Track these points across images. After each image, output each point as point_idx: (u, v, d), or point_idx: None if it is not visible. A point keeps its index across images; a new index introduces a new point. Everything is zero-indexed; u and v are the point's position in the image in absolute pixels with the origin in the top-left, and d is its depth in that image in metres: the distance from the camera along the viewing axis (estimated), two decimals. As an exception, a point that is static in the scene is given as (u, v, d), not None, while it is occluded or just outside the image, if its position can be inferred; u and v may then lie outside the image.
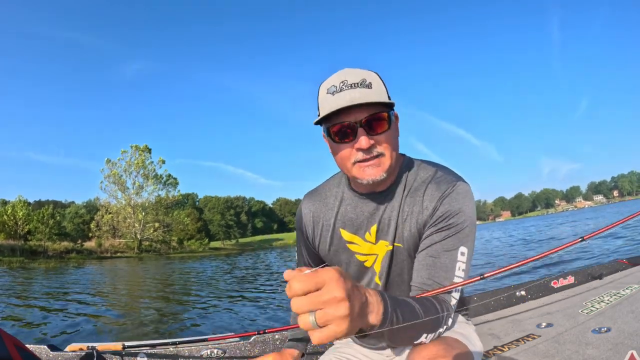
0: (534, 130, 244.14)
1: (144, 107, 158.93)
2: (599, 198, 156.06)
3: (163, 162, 49.86)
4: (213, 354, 1.73)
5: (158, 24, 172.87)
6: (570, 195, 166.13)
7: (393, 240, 0.95)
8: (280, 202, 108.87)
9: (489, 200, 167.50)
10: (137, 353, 1.68)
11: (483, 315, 2.31)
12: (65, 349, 1.64)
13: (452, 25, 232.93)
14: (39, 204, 63.04)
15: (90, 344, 1.62)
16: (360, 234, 0.99)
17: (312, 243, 1.08)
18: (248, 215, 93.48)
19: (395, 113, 0.91)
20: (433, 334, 0.82)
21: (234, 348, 1.77)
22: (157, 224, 47.92)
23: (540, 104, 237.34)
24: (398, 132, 0.93)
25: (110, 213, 47.13)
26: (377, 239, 0.97)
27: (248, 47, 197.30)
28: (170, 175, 51.07)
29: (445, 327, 0.85)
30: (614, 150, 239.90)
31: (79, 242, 48.26)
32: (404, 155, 1.01)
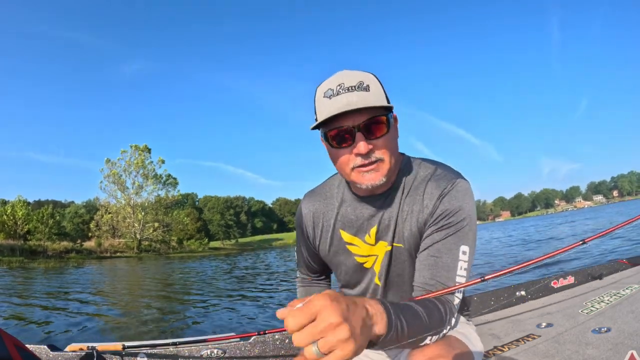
0: (534, 130, 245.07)
1: (144, 107, 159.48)
2: (599, 198, 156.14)
3: (163, 162, 49.92)
4: (213, 354, 1.73)
5: (158, 24, 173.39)
6: (570, 196, 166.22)
7: (392, 241, 0.95)
8: (280, 202, 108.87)
9: (489, 200, 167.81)
10: (137, 353, 1.68)
11: (483, 315, 2.31)
12: (65, 349, 1.64)
13: (452, 25, 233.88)
14: (39, 204, 63.08)
15: (90, 344, 1.62)
16: (361, 236, 0.99)
17: (312, 243, 1.08)
18: (248, 215, 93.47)
19: (395, 115, 0.89)
20: (437, 336, 0.81)
21: (234, 348, 1.77)
22: (156, 224, 47.93)
23: (540, 104, 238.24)
24: (397, 133, 0.92)
25: (110, 213, 47.14)
26: (376, 240, 0.97)
27: (248, 47, 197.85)
28: (170, 175, 51.19)
29: (449, 327, 0.85)
30: (614, 150, 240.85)
31: (79, 242, 48.22)
32: (404, 155, 0.99)
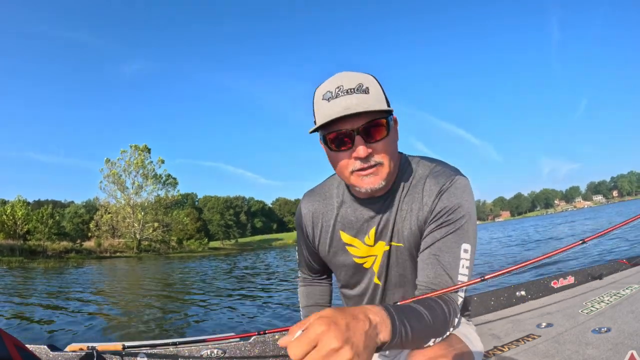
0: (534, 130, 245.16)
1: (144, 107, 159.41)
2: (599, 198, 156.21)
3: (162, 161, 49.86)
4: (213, 354, 1.73)
5: (158, 24, 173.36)
6: (570, 196, 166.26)
7: (390, 240, 0.95)
8: (280, 202, 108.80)
9: (489, 200, 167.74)
10: (137, 353, 1.68)
11: (483, 315, 2.31)
12: (65, 349, 1.63)
13: (452, 25, 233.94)
14: (39, 204, 63.03)
15: (90, 344, 1.62)
16: (360, 237, 0.98)
17: (312, 242, 1.08)
18: (247, 215, 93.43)
19: (394, 117, 0.88)
20: (441, 338, 0.80)
21: (234, 348, 1.77)
22: (156, 224, 47.89)
23: (540, 104, 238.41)
24: (397, 136, 0.91)
25: (110, 213, 47.08)
26: (375, 241, 0.97)
27: (248, 47, 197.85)
28: (170, 175, 51.11)
29: (452, 329, 0.84)
30: (614, 150, 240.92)
31: (78, 241, 48.18)
32: (402, 154, 0.98)
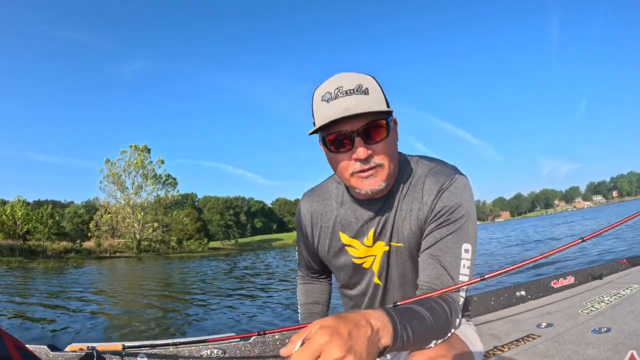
0: (534, 130, 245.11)
1: (144, 107, 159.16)
2: (598, 198, 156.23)
3: (162, 162, 49.86)
4: (213, 354, 1.73)
5: (158, 24, 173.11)
6: (570, 196, 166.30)
7: (389, 240, 0.94)
8: (280, 202, 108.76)
9: (488, 201, 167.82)
10: (137, 353, 1.67)
11: (483, 315, 2.31)
12: (65, 349, 1.63)
13: (452, 25, 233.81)
14: (38, 204, 62.94)
15: (90, 344, 1.62)
16: (360, 238, 0.98)
17: (311, 243, 1.08)
18: (247, 215, 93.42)
19: (394, 118, 0.87)
20: (442, 339, 0.79)
21: (234, 348, 1.76)
22: (156, 224, 47.89)
23: (540, 104, 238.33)
24: (397, 137, 0.91)
25: (110, 213, 47.06)
26: (374, 242, 0.97)
27: (248, 47, 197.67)
28: (170, 175, 51.13)
29: (453, 330, 0.83)
30: (614, 150, 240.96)
31: (78, 242, 48.20)
32: (401, 154, 0.98)
